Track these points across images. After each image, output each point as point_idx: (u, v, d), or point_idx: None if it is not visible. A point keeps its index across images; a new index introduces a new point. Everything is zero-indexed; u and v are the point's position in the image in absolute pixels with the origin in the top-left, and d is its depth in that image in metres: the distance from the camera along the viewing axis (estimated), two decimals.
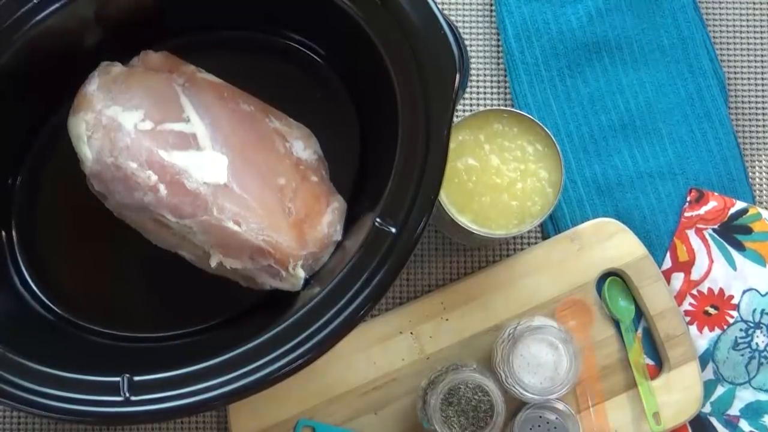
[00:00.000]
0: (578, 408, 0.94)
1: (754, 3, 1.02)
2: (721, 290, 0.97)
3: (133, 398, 0.76)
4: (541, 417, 0.91)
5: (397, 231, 0.79)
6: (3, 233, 0.91)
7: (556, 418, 0.90)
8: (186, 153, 0.84)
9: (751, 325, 0.97)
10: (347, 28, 0.83)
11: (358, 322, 0.78)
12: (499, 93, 1.01)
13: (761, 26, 1.02)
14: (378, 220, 0.79)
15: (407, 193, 0.79)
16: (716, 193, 0.98)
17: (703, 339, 0.96)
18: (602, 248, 0.96)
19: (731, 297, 0.97)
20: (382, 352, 0.94)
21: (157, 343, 0.90)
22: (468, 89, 1.00)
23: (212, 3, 0.92)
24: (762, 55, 1.02)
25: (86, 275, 0.92)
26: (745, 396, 0.96)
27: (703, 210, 0.98)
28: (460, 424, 0.88)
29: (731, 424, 0.96)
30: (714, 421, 0.96)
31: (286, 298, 0.86)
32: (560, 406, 0.90)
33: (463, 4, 1.01)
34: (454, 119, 0.83)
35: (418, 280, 0.98)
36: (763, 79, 1.02)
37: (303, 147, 0.90)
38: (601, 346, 0.95)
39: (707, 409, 0.96)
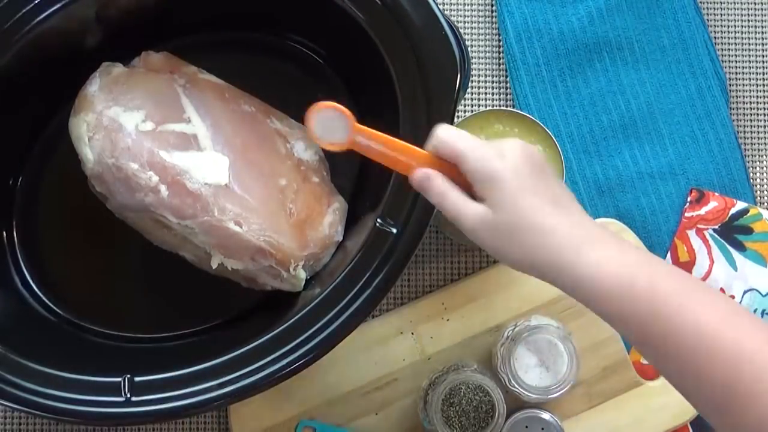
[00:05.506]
0: (579, 408, 0.94)
1: (754, 3, 1.02)
2: (722, 290, 0.97)
3: (134, 399, 0.76)
4: (527, 427, 0.91)
5: (399, 231, 0.79)
6: (4, 233, 0.91)
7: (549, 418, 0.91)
8: (187, 154, 0.84)
9: None
10: (348, 28, 0.83)
11: (359, 323, 0.78)
12: (499, 93, 1.01)
13: (762, 26, 1.02)
14: (379, 220, 0.79)
15: (408, 194, 0.79)
16: (717, 194, 0.98)
17: None
18: None
19: (732, 297, 0.97)
20: (382, 352, 0.94)
21: (157, 344, 0.90)
22: (469, 89, 1.00)
23: (213, 3, 0.92)
24: (763, 55, 1.02)
25: (87, 276, 0.92)
26: None
27: (703, 210, 0.98)
28: (461, 425, 0.88)
29: None
30: None
31: (287, 299, 0.86)
32: (546, 416, 0.90)
33: (464, 4, 1.01)
34: (455, 120, 0.83)
35: (419, 281, 0.98)
36: (764, 79, 1.02)
37: (304, 148, 0.90)
38: (601, 346, 0.95)
39: None
